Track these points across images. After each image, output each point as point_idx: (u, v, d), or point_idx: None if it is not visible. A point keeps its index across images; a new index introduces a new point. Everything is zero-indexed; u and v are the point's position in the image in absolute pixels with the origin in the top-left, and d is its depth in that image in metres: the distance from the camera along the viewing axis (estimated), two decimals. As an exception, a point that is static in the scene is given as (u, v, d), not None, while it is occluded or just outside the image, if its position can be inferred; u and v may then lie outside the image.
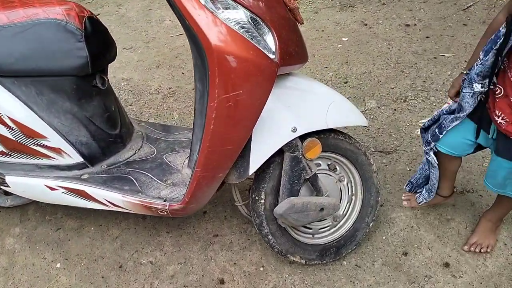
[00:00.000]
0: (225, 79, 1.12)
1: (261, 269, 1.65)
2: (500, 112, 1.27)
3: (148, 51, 3.10)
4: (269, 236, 1.49)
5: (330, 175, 1.56)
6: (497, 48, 1.19)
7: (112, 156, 1.65)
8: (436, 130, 1.47)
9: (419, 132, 2.09)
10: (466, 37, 2.65)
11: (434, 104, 2.23)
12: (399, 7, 3.04)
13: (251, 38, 1.12)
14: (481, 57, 1.24)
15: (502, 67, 1.26)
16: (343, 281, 1.57)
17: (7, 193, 1.83)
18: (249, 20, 1.13)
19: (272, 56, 1.16)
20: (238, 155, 1.30)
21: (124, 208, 1.51)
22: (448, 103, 1.47)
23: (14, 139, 1.47)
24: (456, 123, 1.40)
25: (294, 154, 1.38)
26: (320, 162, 1.52)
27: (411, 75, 2.45)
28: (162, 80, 2.80)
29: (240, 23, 1.11)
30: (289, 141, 1.34)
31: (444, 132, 1.44)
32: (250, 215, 1.59)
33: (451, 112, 1.43)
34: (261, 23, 1.15)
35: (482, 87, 1.28)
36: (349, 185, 1.61)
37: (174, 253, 1.74)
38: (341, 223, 1.63)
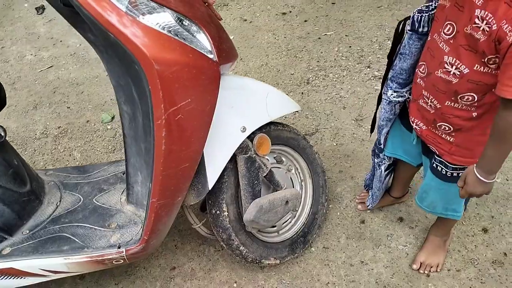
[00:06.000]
0: (170, 90, 0.99)
1: (235, 285, 1.54)
2: (413, 117, 1.19)
3: (17, 93, 2.67)
4: (241, 248, 1.39)
5: (279, 167, 1.53)
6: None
7: (31, 218, 1.36)
8: (376, 142, 1.43)
9: (331, 109, 2.17)
10: (339, 15, 2.85)
11: (334, 80, 2.35)
12: (270, -1, 3.13)
13: (184, 40, 1.02)
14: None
15: None
16: (318, 267, 1.56)
17: None
18: (177, 21, 1.02)
19: (211, 56, 1.07)
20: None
21: (70, 272, 1.26)
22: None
23: None
24: (386, 129, 1.34)
25: (248, 155, 1.30)
26: (267, 157, 1.47)
27: (304, 58, 2.55)
28: (46, 121, 2.44)
29: (168, 26, 1.00)
30: (241, 143, 1.26)
31: (383, 140, 1.38)
32: (212, 234, 1.47)
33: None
34: (190, 22, 1.05)
35: (399, 96, 1.20)
36: (297, 172, 1.60)
37: (133, 303, 1.52)
38: (299, 211, 1.61)
